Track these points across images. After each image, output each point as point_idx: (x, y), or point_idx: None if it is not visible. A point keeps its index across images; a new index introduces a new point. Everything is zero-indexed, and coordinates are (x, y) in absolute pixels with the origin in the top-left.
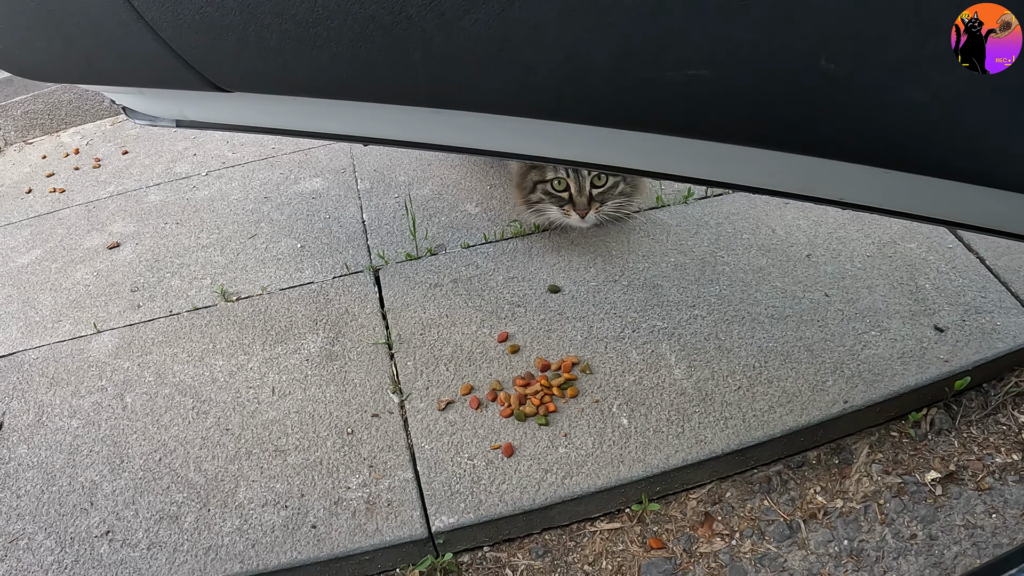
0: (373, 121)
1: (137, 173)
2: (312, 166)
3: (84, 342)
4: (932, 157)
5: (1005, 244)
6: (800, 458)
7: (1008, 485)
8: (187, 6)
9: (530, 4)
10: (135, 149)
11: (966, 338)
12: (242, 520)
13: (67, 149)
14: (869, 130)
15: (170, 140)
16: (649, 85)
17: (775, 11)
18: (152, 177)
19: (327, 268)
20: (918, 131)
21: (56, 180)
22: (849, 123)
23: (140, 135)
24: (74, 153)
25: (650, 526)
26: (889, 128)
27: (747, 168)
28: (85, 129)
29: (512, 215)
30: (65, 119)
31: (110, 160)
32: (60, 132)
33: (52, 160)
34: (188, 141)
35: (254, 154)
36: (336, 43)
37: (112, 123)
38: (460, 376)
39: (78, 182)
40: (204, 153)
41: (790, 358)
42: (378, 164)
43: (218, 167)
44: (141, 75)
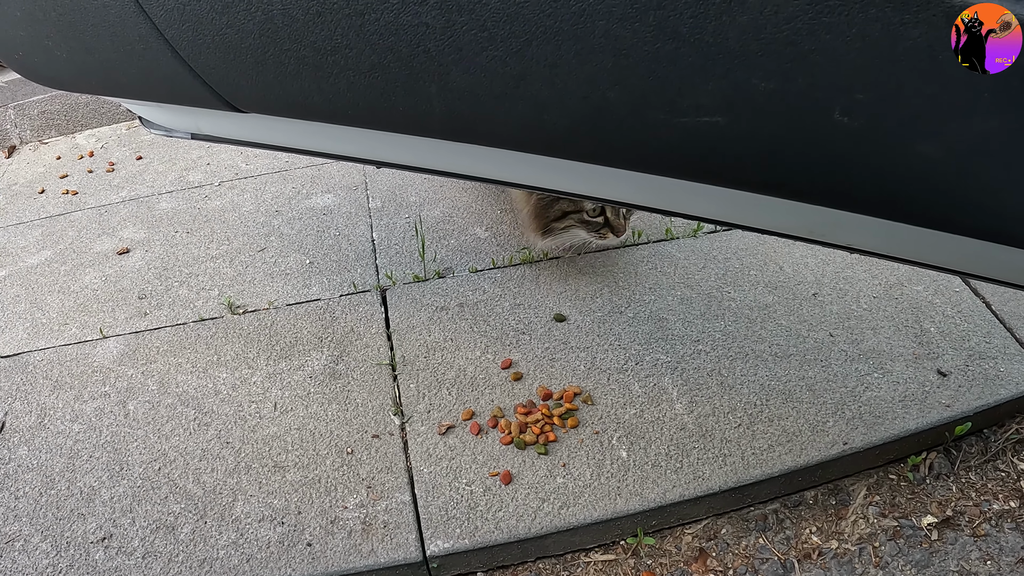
0: (386, 146)
1: (150, 179)
2: (325, 181)
3: (89, 347)
4: (945, 213)
5: (1012, 291)
6: (797, 497)
7: (1004, 532)
8: (207, 27)
9: (548, 44)
10: (149, 155)
11: (969, 383)
12: (238, 534)
13: (82, 151)
14: (882, 184)
15: (184, 148)
16: (663, 129)
17: (790, 61)
18: (165, 184)
19: (335, 285)
20: (932, 186)
21: (69, 182)
22: (862, 176)
23: (155, 141)
24: (88, 156)
25: (644, 559)
26: (902, 182)
27: (757, 212)
28: (101, 132)
29: (523, 242)
30: (81, 121)
31: (124, 165)
32: (76, 134)
33: (66, 161)
34: (202, 150)
35: (267, 167)
36: (353, 72)
37: (128, 128)
38: (462, 401)
39: (91, 185)
40: (217, 163)
41: (792, 397)
42: (390, 183)
43: (231, 178)
44: (158, 91)
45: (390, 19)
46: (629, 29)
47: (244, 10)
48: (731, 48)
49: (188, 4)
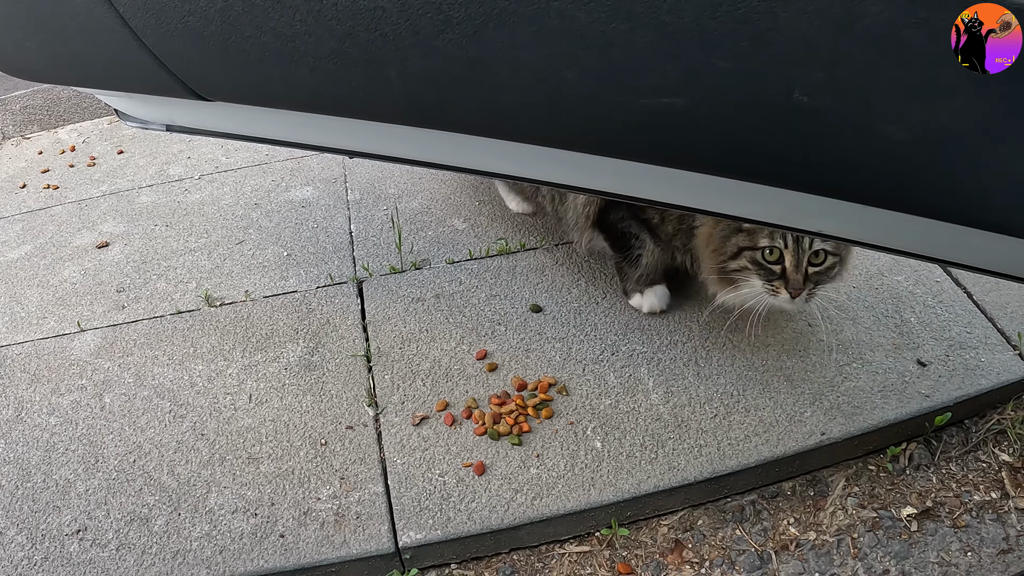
0: (355, 135)
1: (131, 173)
2: (304, 174)
3: (67, 340)
4: (912, 195)
5: (993, 280)
6: (775, 488)
7: (985, 523)
8: (170, 14)
9: (504, 26)
10: (130, 149)
11: (949, 373)
12: (211, 526)
13: (63, 146)
14: (846, 166)
15: (165, 142)
16: (621, 111)
17: (747, 40)
18: (145, 178)
19: (311, 277)
20: (897, 168)
21: (51, 176)
22: (825, 158)
23: (136, 135)
24: (70, 150)
25: (619, 551)
26: (866, 165)
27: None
28: (82, 127)
29: (499, 233)
30: (63, 116)
31: (105, 159)
32: (58, 128)
33: (48, 156)
34: (183, 143)
35: (247, 160)
36: (313, 57)
37: (109, 122)
38: (436, 392)
39: (72, 179)
40: (198, 156)
41: (769, 387)
42: (369, 175)
43: (211, 171)
44: (126, 80)
45: (347, 4)
46: (584, 9)
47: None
48: (687, 27)
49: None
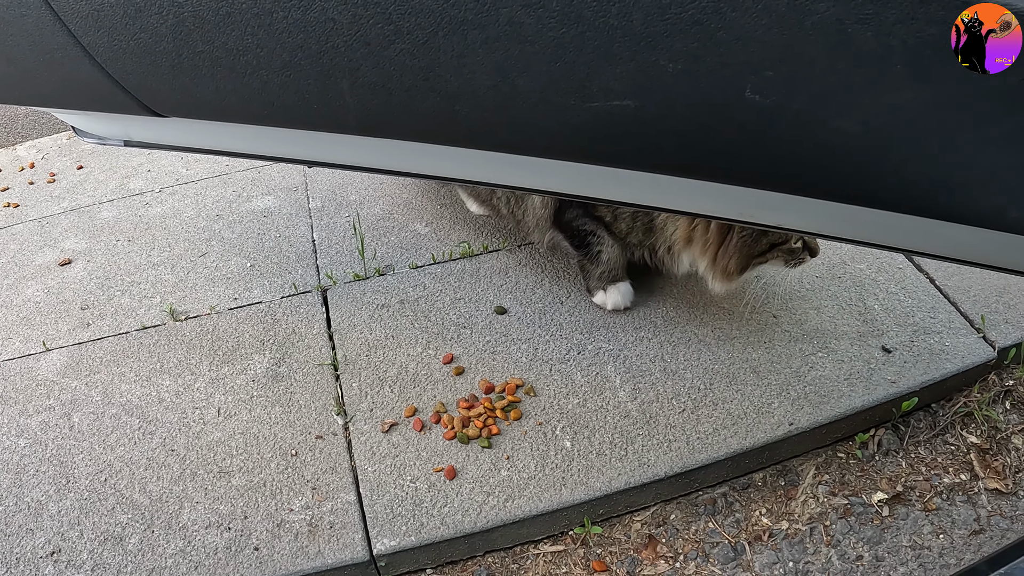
0: (312, 145)
1: (91, 189)
2: (265, 184)
3: (33, 360)
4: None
5: (956, 266)
6: (746, 480)
7: (956, 505)
8: (122, 32)
9: (454, 33)
10: (90, 164)
11: (914, 359)
12: (185, 542)
13: (23, 163)
14: (801, 161)
15: (125, 156)
16: (574, 115)
17: (697, 40)
18: (106, 193)
19: (276, 288)
20: (852, 162)
21: (10, 195)
22: (780, 154)
23: (95, 150)
24: (29, 167)
25: (593, 549)
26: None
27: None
28: (41, 143)
29: (461, 236)
30: (22, 132)
31: (65, 175)
32: (16, 146)
33: (7, 174)
34: (143, 157)
35: (208, 171)
36: (266, 71)
37: (68, 138)
38: (404, 398)
39: (32, 197)
40: (158, 169)
41: (736, 380)
42: (331, 183)
43: (172, 184)
44: (80, 98)
45: (297, 16)
46: (533, 15)
47: (156, 13)
48: (637, 30)
49: (102, 9)
